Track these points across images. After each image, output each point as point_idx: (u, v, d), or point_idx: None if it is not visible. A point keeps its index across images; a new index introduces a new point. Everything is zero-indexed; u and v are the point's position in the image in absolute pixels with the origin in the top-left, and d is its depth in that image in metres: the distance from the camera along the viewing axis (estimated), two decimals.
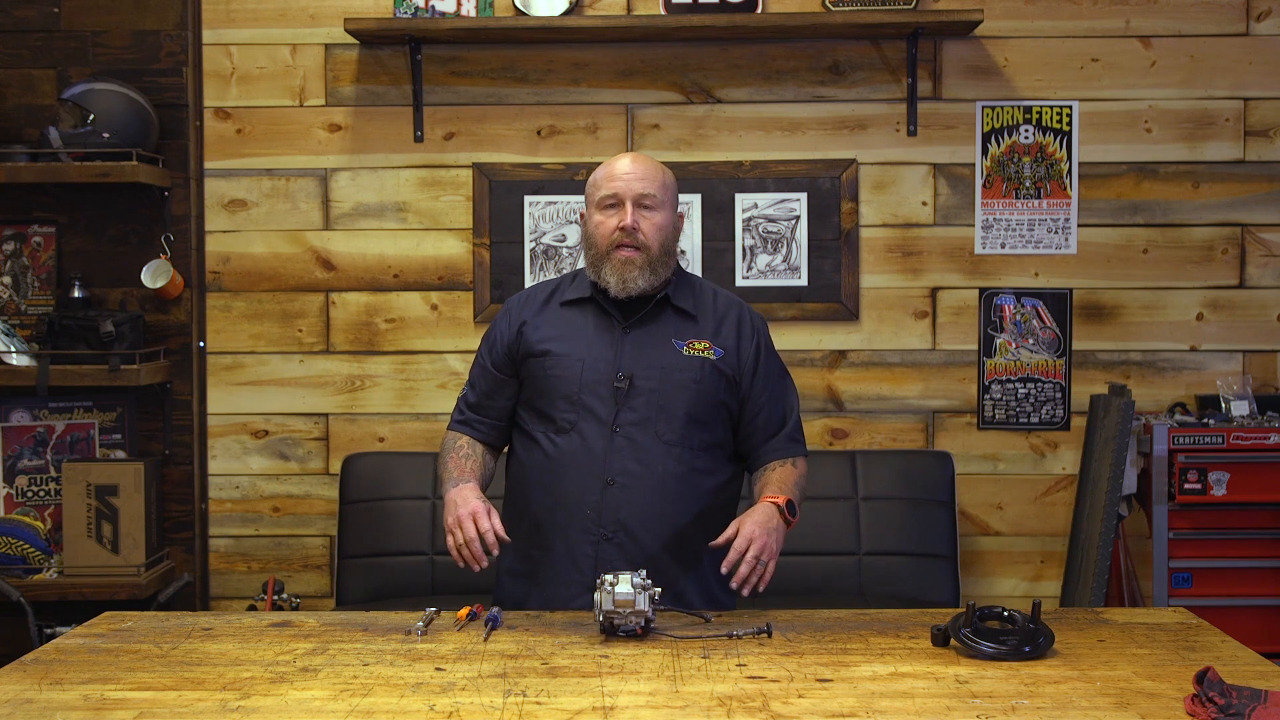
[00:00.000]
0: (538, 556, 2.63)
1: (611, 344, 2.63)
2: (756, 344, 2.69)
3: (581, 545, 2.58)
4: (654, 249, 2.60)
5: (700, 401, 2.61)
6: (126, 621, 2.46)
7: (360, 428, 4.01)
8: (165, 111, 3.89)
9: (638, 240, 2.58)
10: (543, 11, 3.88)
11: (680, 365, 2.62)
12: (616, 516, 2.57)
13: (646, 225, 2.59)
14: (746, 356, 2.67)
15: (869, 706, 1.93)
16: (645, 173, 2.62)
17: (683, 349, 2.63)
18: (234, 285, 4.00)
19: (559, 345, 2.65)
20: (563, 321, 2.68)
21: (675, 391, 2.60)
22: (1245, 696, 1.89)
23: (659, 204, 2.62)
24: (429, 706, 1.93)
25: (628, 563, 2.47)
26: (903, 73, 3.92)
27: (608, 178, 2.63)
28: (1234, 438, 3.65)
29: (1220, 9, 3.91)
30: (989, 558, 4.00)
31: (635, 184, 2.60)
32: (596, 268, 2.63)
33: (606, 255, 2.60)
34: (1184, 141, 3.94)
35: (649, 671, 2.10)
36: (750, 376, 2.67)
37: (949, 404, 3.98)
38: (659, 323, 2.66)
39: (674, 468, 2.59)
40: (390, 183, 3.98)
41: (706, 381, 2.62)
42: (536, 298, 2.75)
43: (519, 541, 2.63)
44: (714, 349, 2.65)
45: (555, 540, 2.60)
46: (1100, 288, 3.96)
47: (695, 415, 2.61)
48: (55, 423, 3.91)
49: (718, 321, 2.69)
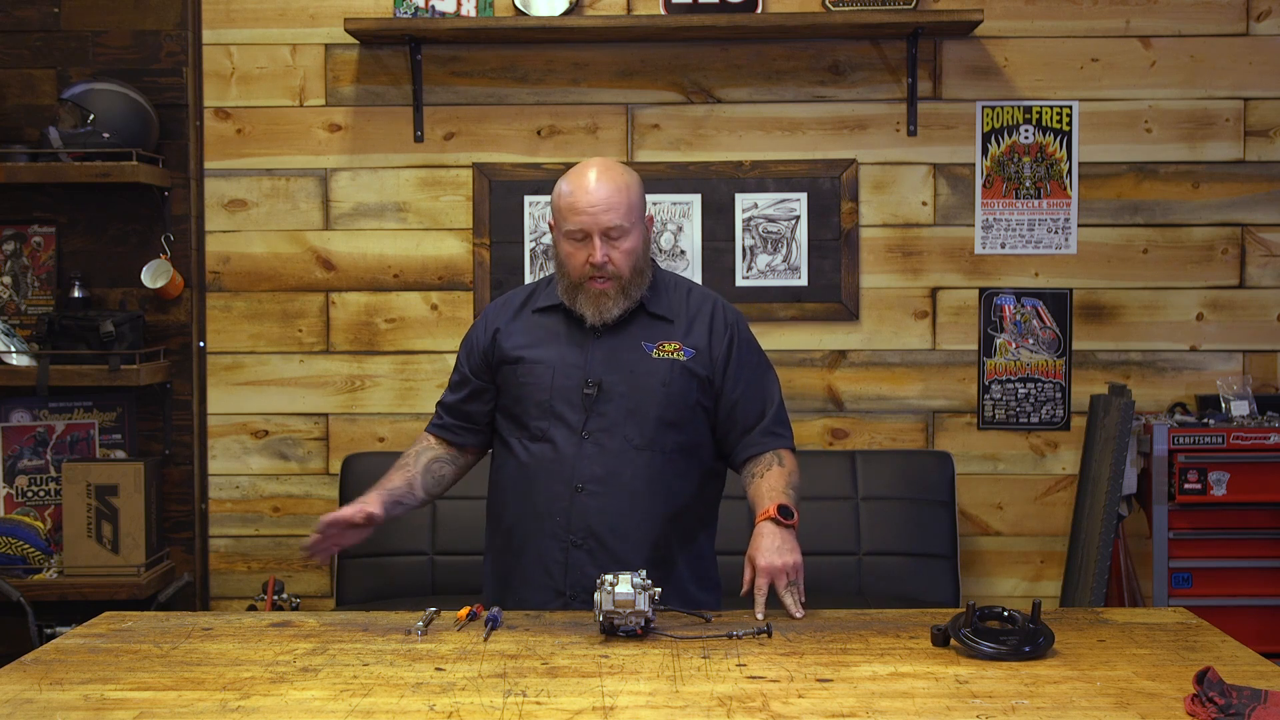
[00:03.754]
0: (510, 562, 2.65)
1: (581, 350, 2.62)
2: (729, 338, 2.66)
3: (551, 551, 2.59)
4: (626, 275, 2.58)
5: (671, 404, 2.59)
6: (126, 621, 2.46)
7: (360, 428, 4.01)
8: (165, 111, 3.89)
9: (608, 272, 2.57)
10: (543, 11, 3.88)
11: (649, 369, 2.60)
12: (585, 523, 2.57)
13: (617, 255, 2.56)
14: (719, 352, 2.65)
15: (869, 706, 1.93)
16: (610, 200, 2.55)
17: (652, 351, 2.62)
18: (234, 285, 4.00)
19: (531, 352, 2.64)
20: (535, 328, 2.67)
21: (644, 395, 2.58)
22: (1245, 696, 1.89)
23: (628, 229, 2.57)
24: (429, 706, 1.93)
25: (598, 569, 2.46)
26: (903, 73, 3.92)
27: (571, 209, 2.56)
28: (1234, 438, 3.65)
29: (1220, 9, 3.92)
30: (989, 558, 4.00)
31: (602, 216, 2.54)
32: (570, 296, 2.62)
33: (580, 286, 2.59)
34: (1184, 141, 3.94)
35: (649, 671, 2.10)
36: (723, 372, 2.64)
37: (949, 404, 3.98)
38: (630, 327, 2.63)
39: (643, 472, 2.57)
40: (390, 183, 3.98)
41: (676, 383, 2.60)
42: (511, 304, 2.74)
43: (497, 547, 2.68)
44: (684, 349, 2.62)
45: (527, 546, 2.61)
46: (1100, 288, 3.96)
47: (666, 418, 2.59)
48: (55, 423, 3.91)
49: (689, 321, 2.66)
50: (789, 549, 2.45)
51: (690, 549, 2.67)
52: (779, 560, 2.43)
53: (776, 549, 2.45)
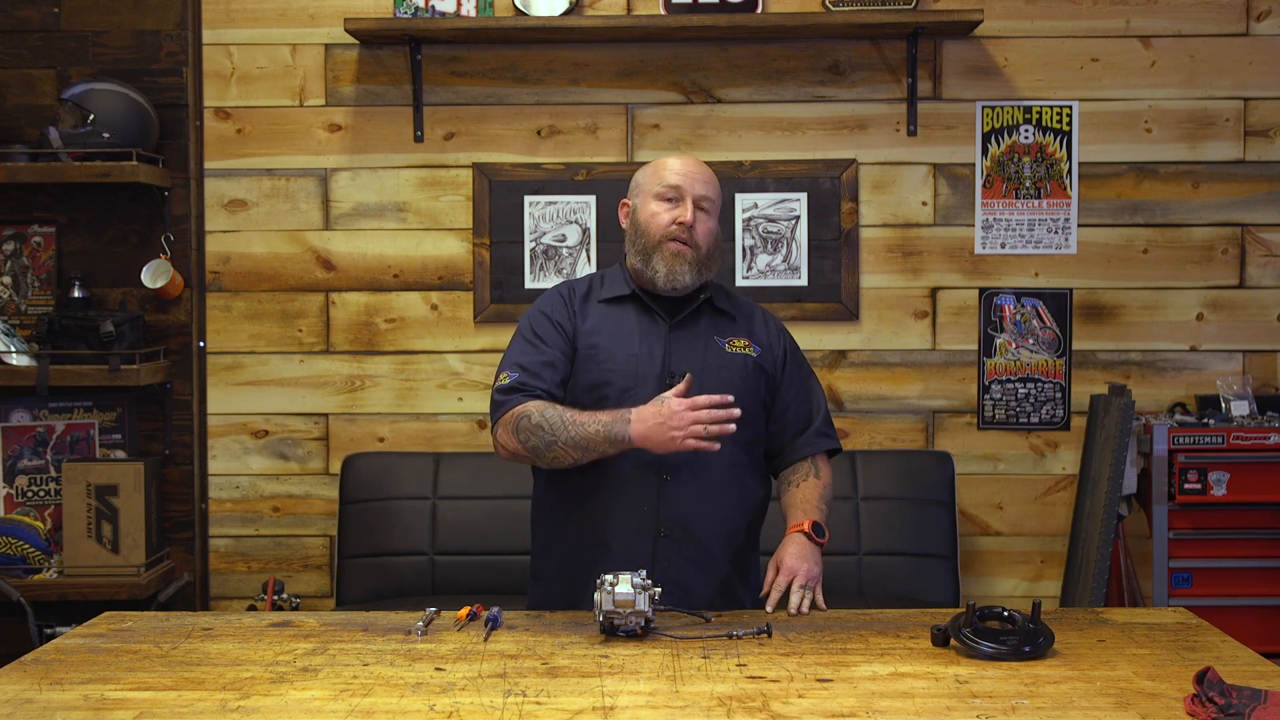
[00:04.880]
0: (592, 554, 2.58)
1: (659, 340, 2.64)
2: (784, 342, 2.75)
3: (640, 542, 2.57)
4: (704, 249, 2.63)
5: (745, 397, 2.60)
6: (126, 621, 2.46)
7: (360, 428, 4.01)
8: (165, 111, 3.89)
9: (691, 238, 2.61)
10: (543, 11, 3.88)
11: (725, 363, 2.64)
12: (674, 512, 2.57)
13: (701, 227, 2.63)
14: (778, 354, 2.72)
15: (869, 706, 1.93)
16: (708, 177, 2.68)
17: (725, 346, 2.67)
18: (234, 285, 4.00)
19: (606, 339, 2.64)
20: (605, 317, 2.67)
21: (722, 388, 2.58)
22: (1245, 696, 1.89)
23: (713, 209, 2.67)
24: (429, 706, 1.93)
25: (684, 558, 2.50)
26: (903, 73, 3.92)
27: (671, 170, 2.65)
28: (1234, 438, 3.65)
29: (1220, 9, 3.91)
30: (989, 558, 4.00)
31: (698, 185, 2.64)
32: (646, 256, 2.63)
33: (658, 246, 2.61)
34: (1184, 141, 3.94)
35: (649, 671, 2.10)
36: (781, 372, 2.71)
37: (949, 404, 3.98)
38: (701, 321, 2.68)
39: (725, 463, 2.59)
40: (390, 183, 3.98)
41: (750, 378, 2.66)
42: (576, 293, 2.72)
43: (567, 543, 2.63)
44: (753, 346, 2.69)
45: (611, 539, 2.57)
46: (1100, 288, 3.96)
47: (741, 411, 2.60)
48: (55, 423, 3.91)
49: (749, 321, 2.73)
50: (815, 560, 2.54)
51: (755, 543, 2.73)
52: (804, 565, 2.50)
53: (804, 556, 2.52)
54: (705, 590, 2.57)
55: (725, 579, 2.62)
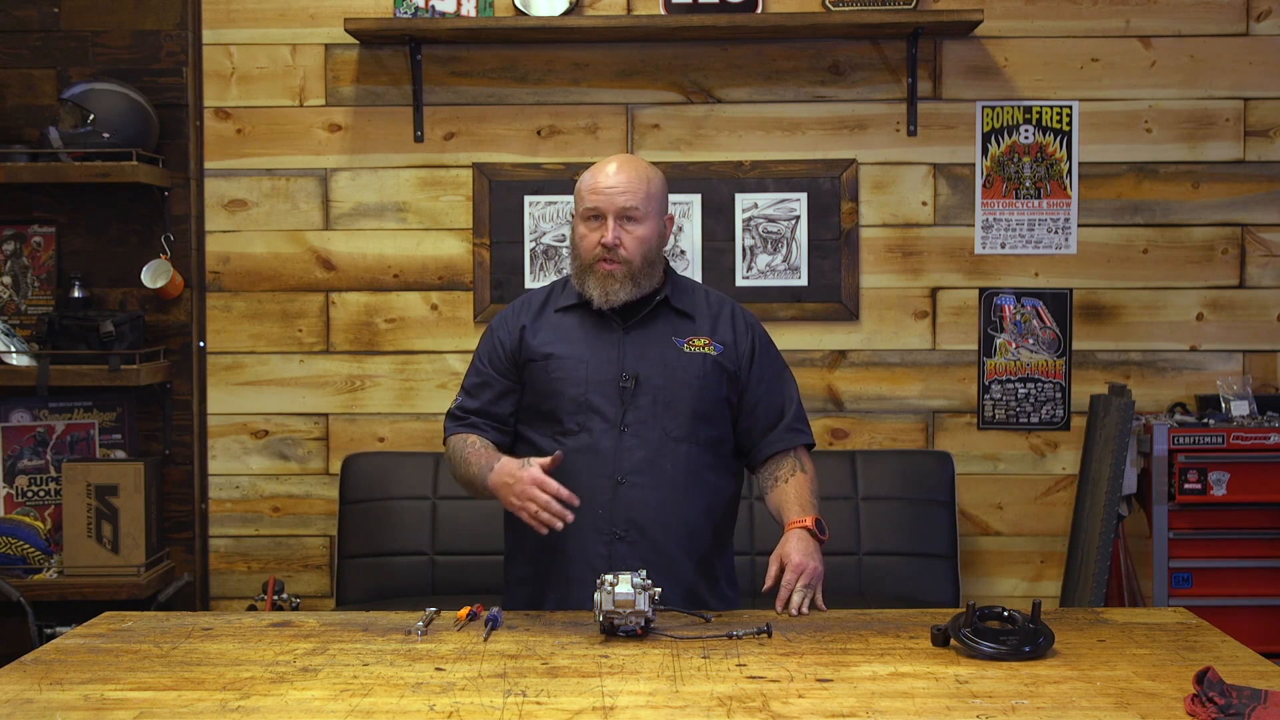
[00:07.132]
0: (548, 560, 2.62)
1: (613, 345, 2.64)
2: (752, 338, 2.72)
3: (594, 545, 2.58)
4: (635, 262, 2.60)
5: (704, 397, 2.62)
6: (126, 621, 2.46)
7: (360, 428, 4.01)
8: (165, 111, 3.89)
9: (618, 255, 2.59)
10: (543, 11, 3.88)
11: (682, 362, 2.64)
12: (628, 515, 2.58)
13: (628, 240, 2.59)
14: (744, 350, 2.70)
15: (869, 706, 1.93)
16: (629, 184, 2.60)
17: (683, 346, 2.65)
18: (234, 285, 4.00)
19: (560, 348, 2.65)
20: (561, 326, 2.69)
21: (680, 388, 2.61)
22: (1245, 696, 1.89)
23: (643, 215, 2.61)
24: (429, 706, 1.93)
25: (641, 561, 2.48)
26: (903, 73, 3.92)
27: (591, 189, 2.61)
28: (1234, 438, 3.65)
29: (1220, 9, 3.91)
30: (989, 558, 4.00)
31: (618, 197, 2.59)
32: (580, 279, 2.65)
33: (589, 268, 2.62)
34: (1184, 141, 3.94)
35: (649, 671, 2.10)
36: (747, 370, 2.69)
37: (949, 404, 3.98)
38: (657, 323, 2.67)
39: (683, 464, 2.61)
40: (390, 183, 3.98)
41: (710, 377, 2.64)
42: (531, 305, 2.75)
43: (529, 547, 2.64)
44: (714, 345, 2.67)
45: (567, 542, 2.57)
46: (1100, 288, 3.96)
47: (700, 411, 2.63)
48: (55, 423, 3.91)
49: (713, 319, 2.71)
50: (818, 558, 2.54)
51: (723, 544, 2.72)
52: (811, 562, 2.51)
53: (809, 553, 2.52)
54: (667, 593, 2.55)
55: (689, 583, 2.60)
